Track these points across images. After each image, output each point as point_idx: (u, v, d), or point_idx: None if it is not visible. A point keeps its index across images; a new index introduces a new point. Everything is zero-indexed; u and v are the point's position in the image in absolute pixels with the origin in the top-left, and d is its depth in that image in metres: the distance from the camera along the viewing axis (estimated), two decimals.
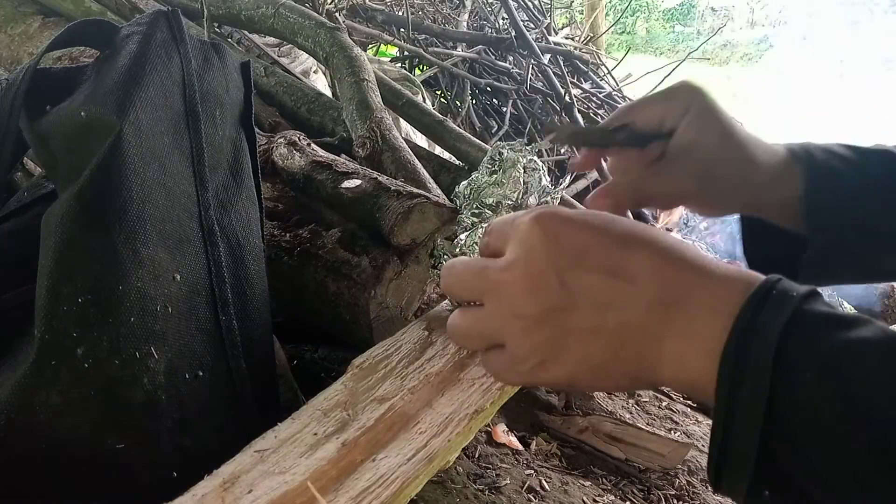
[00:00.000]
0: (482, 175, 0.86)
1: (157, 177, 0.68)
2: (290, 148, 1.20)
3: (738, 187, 0.65)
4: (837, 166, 0.68)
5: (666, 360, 0.44)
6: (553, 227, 0.46)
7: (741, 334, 0.40)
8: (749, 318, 0.41)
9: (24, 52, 1.87)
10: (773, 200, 0.67)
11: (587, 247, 0.46)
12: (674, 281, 0.44)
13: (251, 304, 0.74)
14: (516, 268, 0.46)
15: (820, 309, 0.41)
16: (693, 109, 0.64)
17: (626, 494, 1.07)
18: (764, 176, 0.65)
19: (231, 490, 0.48)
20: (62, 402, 0.59)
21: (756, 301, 0.41)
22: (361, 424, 0.57)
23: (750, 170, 0.65)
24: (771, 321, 0.40)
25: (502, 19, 3.73)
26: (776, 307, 0.40)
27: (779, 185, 0.66)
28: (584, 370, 0.46)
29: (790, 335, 0.39)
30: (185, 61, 0.75)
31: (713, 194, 0.66)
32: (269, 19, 1.77)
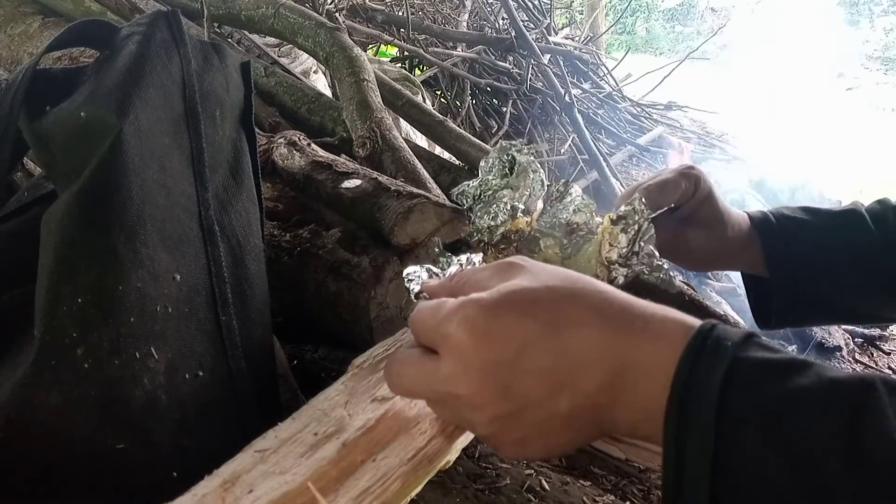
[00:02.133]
0: (493, 177, 0.85)
1: (156, 177, 0.68)
2: (290, 148, 1.20)
3: (713, 255, 0.83)
4: (789, 227, 0.81)
5: (620, 424, 0.46)
6: (481, 332, 0.45)
7: (681, 392, 0.41)
8: (687, 374, 0.41)
9: (23, 52, 1.87)
10: (742, 261, 0.83)
11: (521, 345, 0.45)
12: (612, 353, 0.44)
13: (251, 304, 0.74)
14: (459, 383, 0.47)
15: (757, 356, 0.41)
16: (698, 197, 0.80)
17: (626, 494, 1.07)
18: (735, 244, 0.82)
19: (231, 490, 0.48)
20: (62, 403, 0.59)
21: (691, 357, 0.42)
22: (362, 424, 0.57)
23: (723, 243, 0.81)
24: (708, 377, 0.40)
25: (502, 19, 3.73)
26: (712, 360, 0.41)
27: (745, 250, 0.82)
28: (550, 450, 0.50)
29: (729, 390, 0.40)
30: (185, 61, 0.75)
31: (697, 259, 0.83)
32: (270, 19, 1.77)
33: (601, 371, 0.44)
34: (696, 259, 0.83)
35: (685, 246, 0.81)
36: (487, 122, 3.47)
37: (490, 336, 0.45)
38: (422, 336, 0.51)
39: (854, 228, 0.79)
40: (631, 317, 0.45)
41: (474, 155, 1.74)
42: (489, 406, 0.46)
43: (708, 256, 0.83)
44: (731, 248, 0.82)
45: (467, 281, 0.52)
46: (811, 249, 0.79)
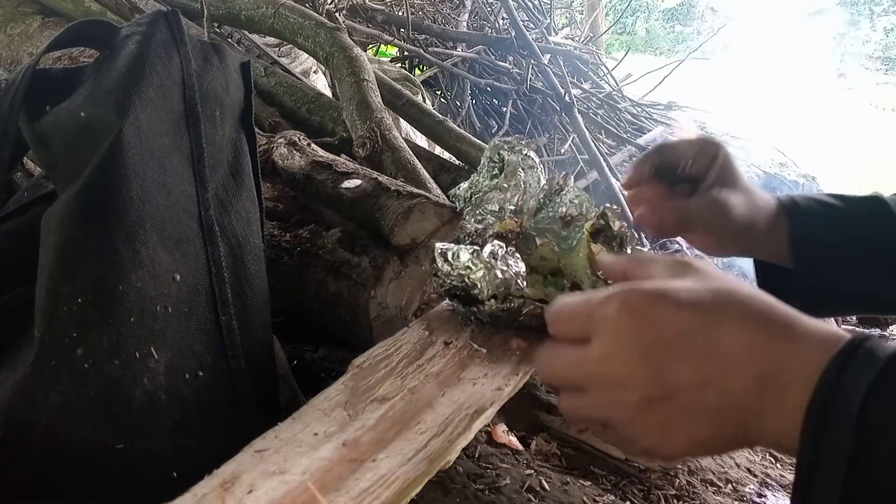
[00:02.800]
0: (483, 178, 0.85)
1: (156, 177, 0.68)
2: (290, 148, 1.21)
3: (744, 233, 0.75)
4: (820, 212, 0.76)
5: (766, 429, 0.45)
6: (641, 315, 0.47)
7: (826, 391, 0.41)
8: (835, 376, 0.41)
9: (23, 51, 1.87)
10: (767, 245, 0.76)
11: (678, 332, 0.46)
12: (767, 354, 0.45)
13: (251, 305, 0.74)
14: (609, 361, 0.47)
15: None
16: (720, 161, 0.73)
17: (626, 494, 1.07)
18: (763, 225, 0.75)
19: (231, 490, 0.48)
20: (62, 403, 0.59)
21: (842, 360, 0.42)
22: (362, 424, 0.57)
23: (754, 219, 0.74)
24: (856, 379, 0.40)
25: (502, 19, 3.73)
26: (862, 365, 0.41)
27: (771, 233, 0.75)
28: (690, 447, 0.48)
29: (875, 392, 0.39)
30: (184, 61, 0.75)
31: (728, 236, 0.75)
32: (269, 19, 1.77)
33: (753, 370, 0.44)
34: (725, 238, 0.75)
35: (717, 221, 0.73)
36: (487, 122, 3.47)
37: (649, 319, 0.46)
38: (572, 324, 0.50)
39: (879, 216, 0.75)
40: (790, 324, 0.45)
41: (474, 155, 1.74)
42: (639, 386, 0.46)
43: (736, 235, 0.74)
44: (759, 227, 0.75)
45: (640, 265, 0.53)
46: (837, 235, 0.75)
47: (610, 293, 0.48)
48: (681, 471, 1.17)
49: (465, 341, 0.71)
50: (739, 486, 1.23)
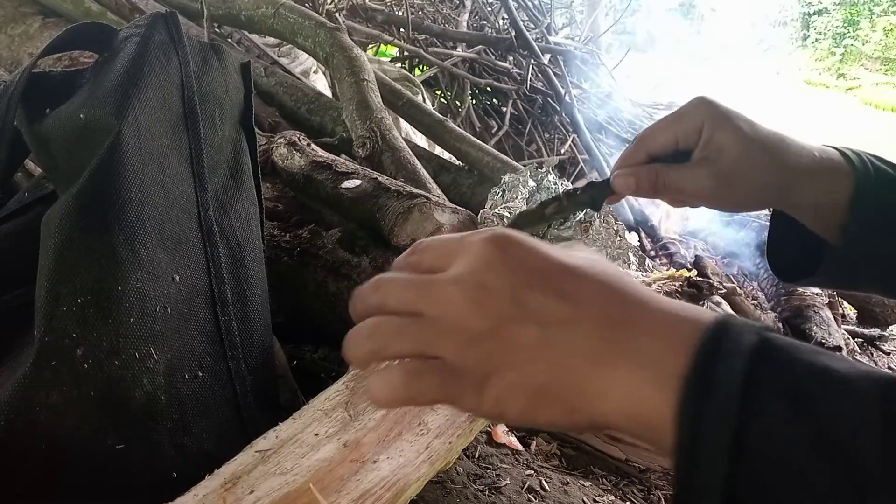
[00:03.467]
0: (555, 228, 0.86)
1: (155, 178, 0.68)
2: (290, 148, 1.21)
3: (762, 189, 0.66)
4: (888, 174, 0.67)
5: (611, 390, 0.40)
6: (509, 246, 0.44)
7: (704, 358, 0.37)
8: (711, 343, 0.38)
9: (24, 52, 1.87)
10: (806, 200, 0.67)
11: (541, 268, 0.44)
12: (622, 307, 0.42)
13: (251, 305, 0.74)
14: (466, 279, 0.43)
15: (784, 337, 0.38)
16: (707, 124, 0.66)
17: (626, 494, 1.07)
18: (792, 177, 0.66)
19: (232, 490, 0.48)
20: (62, 403, 0.59)
21: (717, 329, 0.38)
22: (363, 425, 0.57)
23: (775, 172, 0.65)
24: (736, 346, 0.37)
25: (502, 19, 3.73)
26: (740, 333, 0.38)
27: (815, 186, 0.66)
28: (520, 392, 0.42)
29: (758, 359, 0.36)
30: (183, 63, 0.75)
31: (734, 196, 0.67)
32: (269, 19, 1.77)
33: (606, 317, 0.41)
34: (749, 198, 0.68)
35: (731, 183, 0.66)
36: (487, 122, 3.47)
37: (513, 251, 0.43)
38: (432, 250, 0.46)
39: None
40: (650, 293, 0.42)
41: (474, 155, 1.74)
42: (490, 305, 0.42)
43: (759, 193, 0.67)
44: (790, 180, 0.66)
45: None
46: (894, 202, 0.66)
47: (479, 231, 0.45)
48: None
49: None
50: None
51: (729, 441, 0.35)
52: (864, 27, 15.97)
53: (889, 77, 14.42)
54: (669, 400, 0.37)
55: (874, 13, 16.14)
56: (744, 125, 0.65)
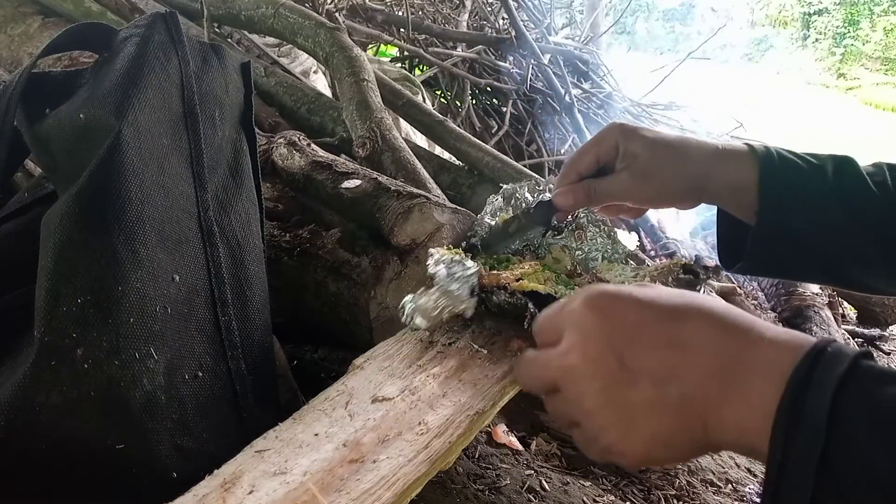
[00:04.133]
0: (549, 238, 0.89)
1: (155, 178, 0.68)
2: (290, 148, 1.21)
3: (676, 180, 0.76)
4: (793, 160, 0.76)
5: (726, 425, 0.45)
6: (604, 307, 0.49)
7: (795, 389, 0.41)
8: (804, 375, 0.42)
9: (24, 52, 1.87)
10: (716, 184, 0.76)
11: (640, 322, 0.48)
12: (726, 347, 0.46)
13: (251, 305, 0.74)
14: (574, 352, 0.49)
15: (876, 366, 0.42)
16: (620, 140, 0.77)
17: (626, 494, 1.07)
18: (699, 165, 0.76)
19: (232, 490, 0.48)
20: (62, 403, 0.59)
21: (810, 359, 0.42)
22: (363, 425, 0.57)
23: (682, 164, 0.76)
24: (825, 376, 0.41)
25: (502, 19, 3.72)
26: (831, 364, 0.41)
27: (722, 170, 0.76)
28: (652, 444, 0.48)
29: (845, 389, 0.40)
30: (183, 63, 0.75)
31: (653, 190, 0.78)
32: (269, 19, 1.77)
33: (714, 360, 0.45)
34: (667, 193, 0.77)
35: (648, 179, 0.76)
36: (487, 122, 3.46)
37: (611, 311, 0.49)
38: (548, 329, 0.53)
39: (851, 176, 0.75)
40: (751, 324, 0.46)
41: (474, 155, 1.74)
42: (602, 374, 0.48)
43: (674, 187, 0.76)
44: (698, 170, 0.76)
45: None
46: (805, 186, 0.74)
47: (576, 293, 0.52)
48: (681, 471, 1.17)
49: (466, 342, 0.71)
50: (739, 486, 1.23)
51: (813, 466, 0.39)
52: (864, 27, 15.97)
53: (889, 77, 14.42)
54: (769, 428, 0.42)
55: (874, 13, 16.14)
56: (649, 134, 0.77)
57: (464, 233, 0.90)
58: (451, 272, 0.72)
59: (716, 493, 1.18)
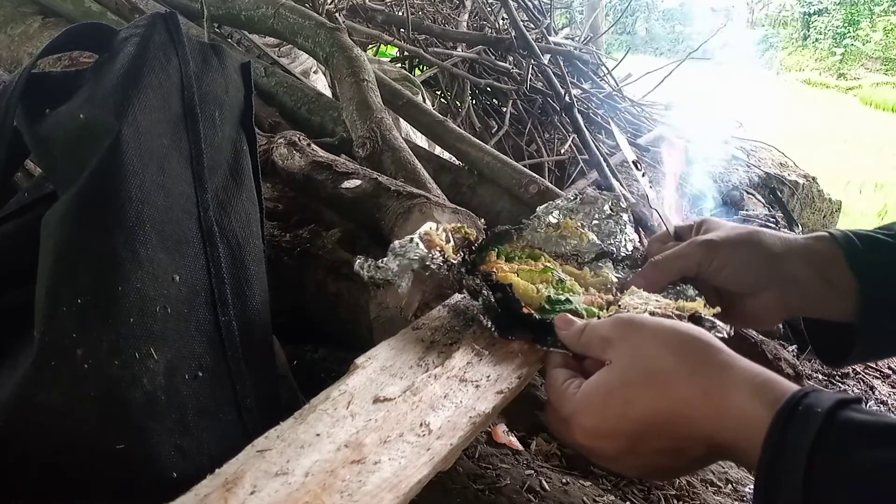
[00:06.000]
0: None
1: (155, 178, 0.68)
2: (290, 148, 1.20)
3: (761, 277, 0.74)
4: (876, 239, 0.73)
5: (733, 454, 0.51)
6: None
7: (771, 454, 0.44)
8: (777, 436, 0.44)
9: (23, 52, 1.87)
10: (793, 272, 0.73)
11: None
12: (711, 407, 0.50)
13: (251, 305, 0.74)
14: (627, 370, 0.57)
15: (852, 419, 0.43)
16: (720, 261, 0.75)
17: (627, 494, 1.07)
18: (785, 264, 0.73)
19: (234, 490, 0.48)
20: (62, 403, 0.59)
21: (783, 419, 0.45)
22: (364, 425, 0.57)
23: (765, 259, 0.73)
24: (798, 439, 0.43)
25: (502, 19, 3.72)
26: (803, 423, 0.43)
27: (798, 258, 0.73)
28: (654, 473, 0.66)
29: (818, 455, 0.41)
30: (183, 63, 0.75)
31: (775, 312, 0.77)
32: (269, 20, 1.77)
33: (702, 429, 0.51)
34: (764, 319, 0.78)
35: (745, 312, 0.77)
36: (487, 122, 3.46)
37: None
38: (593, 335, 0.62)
39: None
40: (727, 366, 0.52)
41: (474, 155, 1.74)
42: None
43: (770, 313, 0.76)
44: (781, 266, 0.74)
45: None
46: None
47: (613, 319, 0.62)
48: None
49: (468, 343, 0.71)
50: (739, 486, 1.23)
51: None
52: (864, 27, 15.97)
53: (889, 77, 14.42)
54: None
55: (874, 13, 16.14)
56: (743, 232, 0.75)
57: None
58: (398, 251, 0.76)
59: (716, 493, 1.18)
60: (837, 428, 0.42)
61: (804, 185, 4.18)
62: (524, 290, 0.75)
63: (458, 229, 0.85)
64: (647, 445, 0.53)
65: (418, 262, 0.75)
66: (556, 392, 0.61)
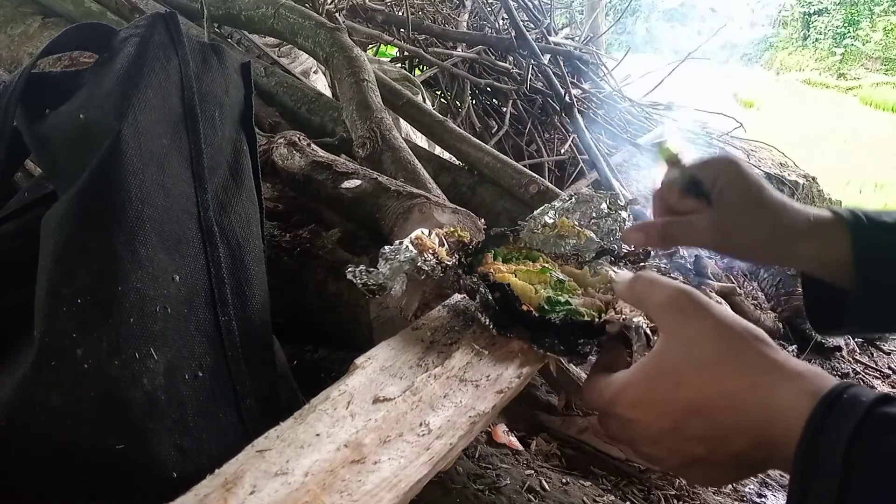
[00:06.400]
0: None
1: (155, 178, 0.68)
2: (290, 148, 1.21)
3: (757, 241, 0.76)
4: (884, 222, 0.74)
5: (776, 458, 0.51)
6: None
7: (811, 436, 0.44)
8: (818, 423, 0.45)
9: (24, 52, 1.87)
10: (807, 257, 0.76)
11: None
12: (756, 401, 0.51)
13: (251, 305, 0.74)
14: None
15: (891, 412, 0.43)
16: (723, 177, 0.75)
17: (627, 494, 1.07)
18: (789, 236, 0.75)
19: (233, 490, 0.48)
20: (62, 403, 0.59)
21: (824, 407, 0.45)
22: (364, 425, 0.57)
23: (771, 230, 0.75)
24: (839, 424, 0.43)
25: (502, 19, 3.73)
26: (844, 412, 0.44)
27: (815, 245, 0.75)
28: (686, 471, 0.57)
29: (859, 438, 0.42)
30: (183, 63, 0.75)
31: (733, 247, 0.78)
32: (269, 20, 1.77)
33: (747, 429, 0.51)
34: (747, 250, 0.79)
35: (729, 236, 0.77)
36: (487, 122, 3.46)
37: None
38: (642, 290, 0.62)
39: None
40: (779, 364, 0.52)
41: (474, 155, 1.74)
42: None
43: (758, 248, 0.77)
44: (786, 239, 0.76)
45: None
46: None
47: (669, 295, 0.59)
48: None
49: (467, 343, 0.71)
50: (739, 486, 1.23)
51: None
52: (864, 27, 15.97)
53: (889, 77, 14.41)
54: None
55: (874, 13, 16.14)
56: (752, 185, 0.75)
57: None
58: (388, 255, 0.76)
59: (716, 493, 1.18)
60: (879, 418, 0.43)
61: (804, 186, 4.18)
62: (522, 290, 0.75)
63: (451, 233, 0.85)
64: (690, 430, 0.53)
65: (409, 264, 0.75)
66: (596, 392, 0.61)
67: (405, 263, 0.76)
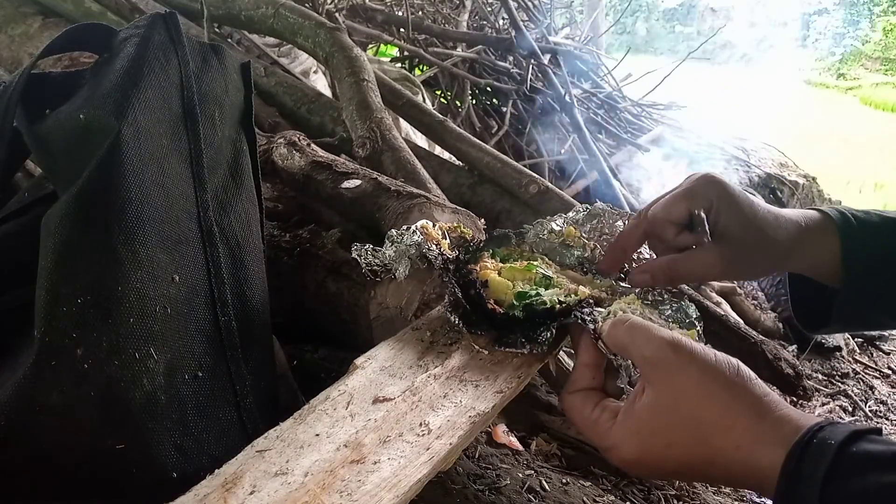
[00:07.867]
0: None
1: (155, 178, 0.68)
2: (290, 148, 1.21)
3: (758, 262, 0.77)
4: (872, 222, 0.76)
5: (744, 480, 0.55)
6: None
7: (787, 487, 0.47)
8: (793, 467, 0.48)
9: (24, 52, 1.87)
10: (800, 262, 0.78)
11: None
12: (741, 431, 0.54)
13: (251, 305, 0.74)
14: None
15: (863, 450, 0.46)
16: (716, 204, 0.75)
17: (626, 494, 1.07)
18: (782, 247, 0.76)
19: (233, 490, 0.48)
20: (62, 403, 0.59)
21: (799, 449, 0.48)
22: (364, 425, 0.57)
23: (769, 247, 0.75)
24: (811, 470, 0.46)
25: (502, 19, 3.72)
26: (815, 456, 0.47)
27: (807, 250, 0.76)
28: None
29: (829, 484, 0.45)
30: (182, 63, 0.75)
31: (737, 271, 0.78)
32: (269, 19, 1.77)
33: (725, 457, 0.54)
34: (749, 273, 0.80)
35: (735, 264, 0.76)
36: (487, 122, 3.46)
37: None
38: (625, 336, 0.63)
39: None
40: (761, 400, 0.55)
41: (474, 155, 1.74)
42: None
43: (759, 268, 0.78)
44: (783, 252, 0.76)
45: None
46: (887, 248, 0.75)
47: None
48: None
49: (468, 343, 0.71)
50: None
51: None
52: (864, 27, 15.97)
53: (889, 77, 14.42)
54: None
55: (874, 13, 16.14)
56: (746, 209, 0.75)
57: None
58: (395, 238, 0.78)
59: (716, 493, 1.18)
60: (849, 457, 0.45)
61: (804, 186, 4.18)
62: (500, 286, 0.75)
63: (455, 228, 0.85)
64: (679, 477, 0.60)
65: (415, 248, 0.76)
66: (587, 422, 0.63)
67: (411, 248, 0.76)
